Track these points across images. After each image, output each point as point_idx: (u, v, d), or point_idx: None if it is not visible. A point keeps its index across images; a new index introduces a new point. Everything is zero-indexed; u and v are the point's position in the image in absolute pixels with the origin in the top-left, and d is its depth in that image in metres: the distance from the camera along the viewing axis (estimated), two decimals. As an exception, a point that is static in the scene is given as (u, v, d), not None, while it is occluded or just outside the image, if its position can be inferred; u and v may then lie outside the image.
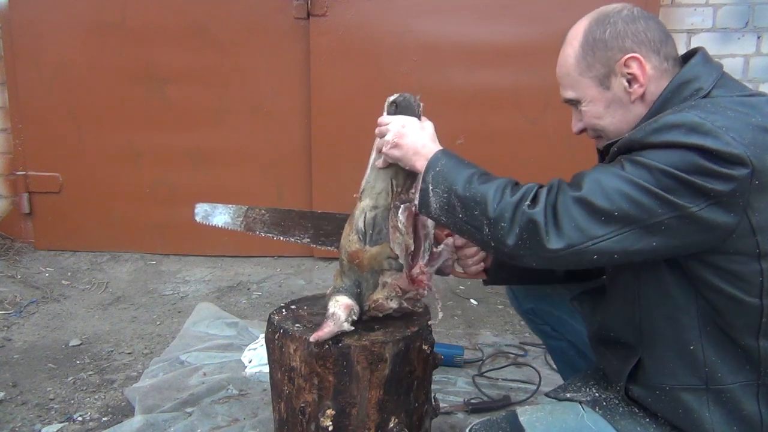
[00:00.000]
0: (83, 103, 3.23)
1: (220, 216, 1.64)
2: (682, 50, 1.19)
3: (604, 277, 1.38)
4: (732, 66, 3.02)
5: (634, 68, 1.13)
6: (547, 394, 1.33)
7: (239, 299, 2.91)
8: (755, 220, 1.01)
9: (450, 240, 1.48)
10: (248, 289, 3.03)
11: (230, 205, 1.64)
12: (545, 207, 1.05)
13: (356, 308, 1.36)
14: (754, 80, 3.06)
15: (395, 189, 1.38)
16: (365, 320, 1.41)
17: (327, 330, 1.31)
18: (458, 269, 1.55)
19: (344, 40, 3.07)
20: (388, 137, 1.30)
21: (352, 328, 1.33)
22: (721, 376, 1.08)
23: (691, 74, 1.12)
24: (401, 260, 1.37)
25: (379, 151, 1.35)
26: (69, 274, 3.17)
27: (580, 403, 1.22)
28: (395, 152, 1.29)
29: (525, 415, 1.21)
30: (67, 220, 3.35)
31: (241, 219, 1.63)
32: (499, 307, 2.84)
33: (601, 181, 1.03)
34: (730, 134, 0.98)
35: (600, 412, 1.18)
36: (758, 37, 3.01)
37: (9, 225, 3.39)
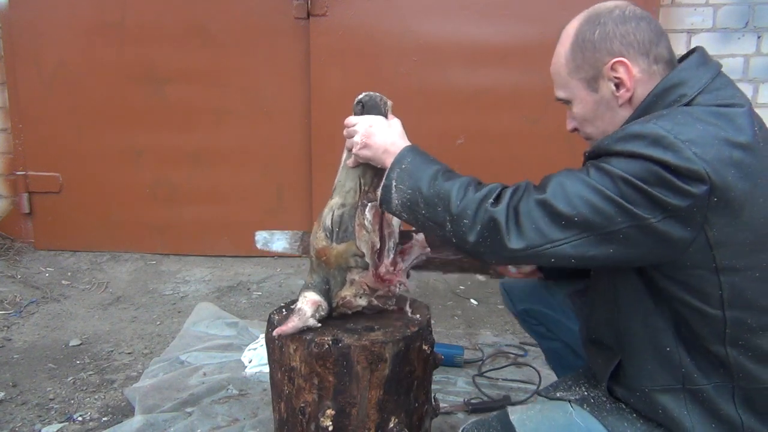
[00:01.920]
0: (83, 103, 3.23)
1: (278, 242, 1.68)
2: (682, 50, 1.19)
3: None
4: (732, 66, 3.02)
5: (621, 73, 1.12)
6: (538, 393, 1.34)
7: (239, 299, 2.91)
8: (712, 236, 1.01)
9: (420, 236, 1.49)
10: (248, 289, 3.03)
11: (287, 231, 1.68)
12: (507, 207, 1.06)
13: (324, 305, 1.38)
14: (755, 80, 3.06)
15: (363, 187, 1.39)
16: (335, 317, 1.43)
17: (291, 325, 1.33)
18: (512, 270, 1.56)
19: (344, 40, 3.07)
20: (356, 138, 1.31)
21: (319, 324, 1.35)
22: (696, 377, 1.09)
23: (677, 78, 1.10)
24: (367, 258, 1.38)
25: (350, 151, 1.36)
26: (69, 274, 3.17)
27: (569, 401, 1.23)
28: (365, 152, 1.30)
29: (515, 414, 1.22)
30: (67, 220, 3.35)
31: (298, 243, 1.67)
32: (499, 307, 2.84)
33: (564, 185, 1.04)
34: (692, 149, 0.97)
35: (588, 409, 1.20)
36: (758, 37, 3.01)
37: (9, 225, 3.40)
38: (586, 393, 1.24)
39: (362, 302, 1.42)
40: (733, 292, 1.04)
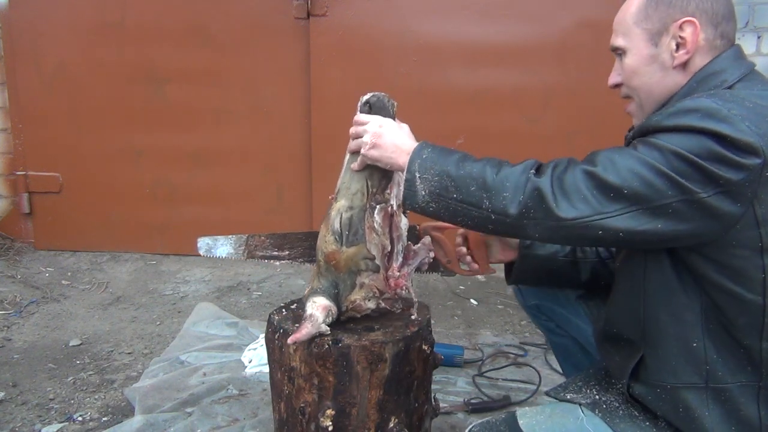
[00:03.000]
0: (83, 103, 3.23)
1: (222, 247, 1.66)
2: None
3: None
4: (732, 66, 3.02)
5: (687, 33, 1.12)
6: (547, 393, 1.33)
7: (239, 299, 2.91)
8: (761, 213, 1.00)
9: (427, 239, 1.49)
10: (248, 289, 3.03)
11: (231, 236, 1.66)
12: (551, 177, 1.05)
13: (334, 309, 1.37)
14: (754, 80, 3.06)
15: (370, 189, 1.37)
16: (343, 321, 1.42)
17: (305, 331, 1.31)
18: (464, 267, 1.55)
19: (344, 40, 3.07)
20: (365, 138, 1.28)
21: (329, 330, 1.34)
22: (721, 375, 1.08)
23: (718, 66, 1.12)
24: (378, 261, 1.37)
25: (353, 152, 1.34)
26: (69, 274, 3.17)
27: (580, 405, 1.21)
28: (374, 153, 1.27)
29: (524, 418, 1.21)
30: (67, 220, 3.35)
31: (242, 248, 1.65)
32: (499, 307, 2.84)
33: (613, 159, 1.03)
34: (746, 123, 0.97)
35: (600, 414, 1.18)
36: (758, 37, 3.01)
37: (9, 225, 3.40)
38: (597, 397, 1.23)
39: (371, 305, 1.40)
40: None
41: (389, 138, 1.26)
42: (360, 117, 1.34)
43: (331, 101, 3.10)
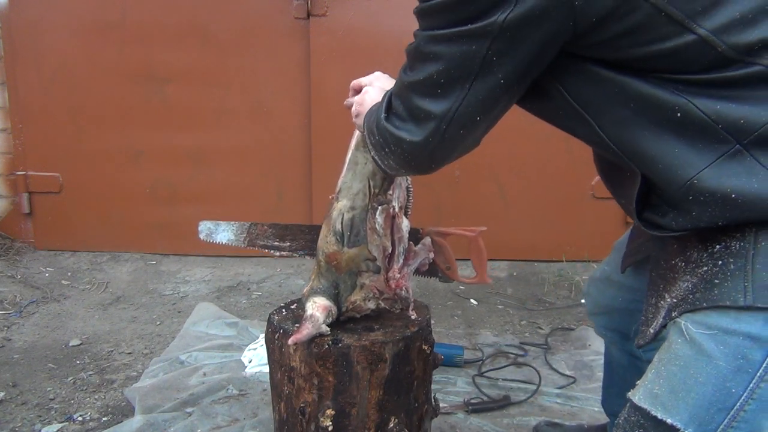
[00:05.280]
0: (83, 103, 3.23)
1: (223, 233, 1.65)
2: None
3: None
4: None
5: None
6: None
7: (239, 299, 2.91)
8: None
9: (427, 240, 1.49)
10: (248, 289, 3.03)
11: (233, 222, 1.64)
12: (390, 114, 1.01)
13: (334, 309, 1.37)
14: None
15: (372, 190, 1.37)
16: (342, 321, 1.42)
17: (305, 332, 1.31)
18: (463, 276, 1.56)
19: (344, 40, 3.07)
20: (353, 108, 1.30)
21: (329, 330, 1.34)
22: (743, 123, 0.79)
23: None
24: (379, 262, 1.37)
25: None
26: (69, 274, 3.17)
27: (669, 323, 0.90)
28: (357, 121, 1.27)
29: (636, 395, 0.93)
30: (67, 220, 3.35)
31: (244, 235, 1.64)
32: (499, 307, 2.84)
33: (412, 53, 0.96)
34: None
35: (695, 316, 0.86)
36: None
37: (9, 225, 3.40)
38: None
39: (371, 305, 1.40)
40: None
41: (368, 104, 1.24)
42: (356, 81, 1.34)
43: (331, 101, 3.10)
